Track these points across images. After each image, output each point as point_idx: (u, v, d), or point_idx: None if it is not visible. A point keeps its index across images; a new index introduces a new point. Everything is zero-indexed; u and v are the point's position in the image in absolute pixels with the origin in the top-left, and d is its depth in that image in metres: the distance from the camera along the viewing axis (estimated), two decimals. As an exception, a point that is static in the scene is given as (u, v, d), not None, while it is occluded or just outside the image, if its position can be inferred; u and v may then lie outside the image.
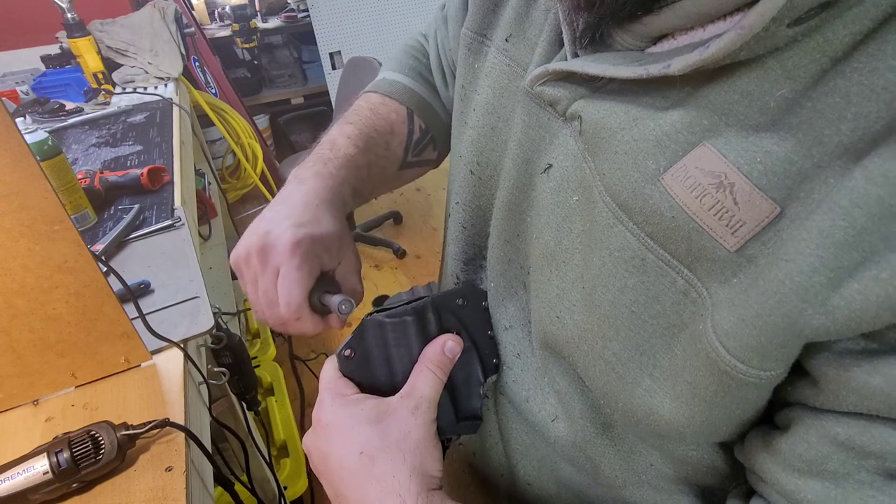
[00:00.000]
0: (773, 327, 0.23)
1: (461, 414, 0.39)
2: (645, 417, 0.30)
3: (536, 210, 0.36)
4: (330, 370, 0.38)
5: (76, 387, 0.56)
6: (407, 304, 0.38)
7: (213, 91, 2.20)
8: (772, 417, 0.29)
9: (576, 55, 0.32)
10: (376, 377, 0.38)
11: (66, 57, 1.66)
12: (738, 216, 0.24)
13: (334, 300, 0.38)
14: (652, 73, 0.26)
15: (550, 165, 0.34)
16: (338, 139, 0.48)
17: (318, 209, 0.41)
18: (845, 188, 0.21)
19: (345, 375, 0.38)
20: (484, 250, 0.44)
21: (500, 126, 0.39)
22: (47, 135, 0.80)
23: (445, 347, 0.37)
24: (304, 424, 1.51)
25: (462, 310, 0.40)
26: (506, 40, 0.39)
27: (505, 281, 0.41)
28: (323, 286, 0.40)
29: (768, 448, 0.28)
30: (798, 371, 0.26)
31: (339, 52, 2.59)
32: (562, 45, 0.33)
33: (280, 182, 2.27)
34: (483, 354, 0.41)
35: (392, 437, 0.33)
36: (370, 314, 0.39)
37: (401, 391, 0.36)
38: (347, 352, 0.37)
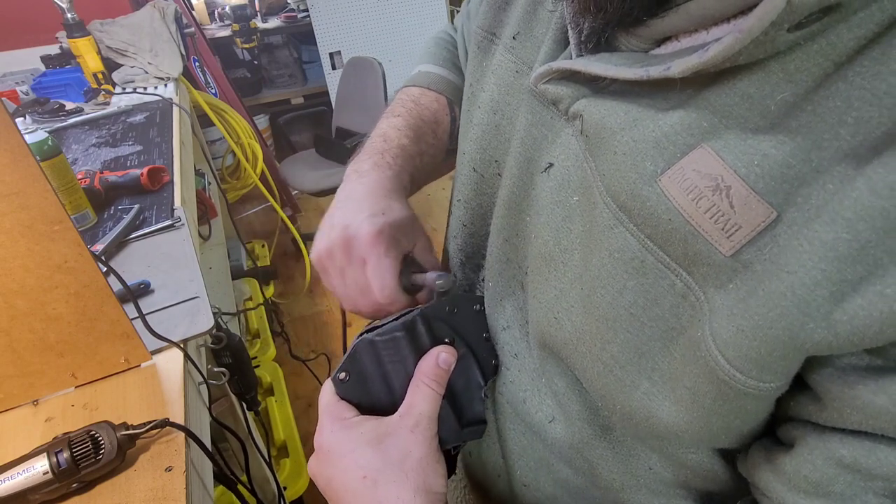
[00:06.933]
0: (773, 339, 0.22)
1: (464, 420, 0.39)
2: (644, 420, 0.30)
3: (536, 209, 0.35)
4: (328, 394, 0.38)
5: (76, 387, 0.56)
6: (396, 319, 0.38)
7: (213, 91, 2.20)
8: (773, 430, 0.29)
9: (580, 55, 0.31)
10: (374, 396, 0.37)
11: (66, 57, 1.66)
12: (734, 220, 0.23)
13: (430, 277, 0.40)
14: (652, 74, 0.25)
15: (551, 164, 0.34)
16: (388, 132, 0.49)
17: (387, 198, 0.42)
18: (849, 199, 0.20)
19: (343, 398, 0.37)
20: (483, 249, 0.44)
21: (503, 124, 0.39)
22: (47, 135, 0.80)
23: (439, 360, 0.37)
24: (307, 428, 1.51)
25: (453, 317, 0.40)
26: (513, 38, 0.38)
27: (503, 280, 0.41)
28: (408, 268, 0.42)
29: (772, 466, 0.28)
30: (801, 385, 0.25)
31: (339, 52, 2.59)
32: (567, 43, 0.33)
33: (280, 182, 2.27)
34: (481, 358, 0.40)
35: (393, 458, 0.33)
36: (361, 334, 0.38)
37: (399, 410, 0.36)
38: (343, 375, 0.37)
